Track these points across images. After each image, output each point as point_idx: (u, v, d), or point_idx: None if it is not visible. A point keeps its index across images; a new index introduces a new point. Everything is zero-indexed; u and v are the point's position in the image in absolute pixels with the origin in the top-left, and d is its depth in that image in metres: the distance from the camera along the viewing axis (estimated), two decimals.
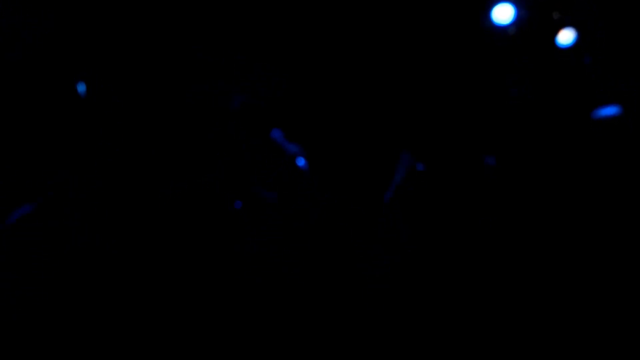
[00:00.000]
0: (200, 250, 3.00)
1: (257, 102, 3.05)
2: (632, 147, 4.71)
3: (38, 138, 2.84)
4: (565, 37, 4.91)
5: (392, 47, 4.49)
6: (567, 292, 4.07)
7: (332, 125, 3.68)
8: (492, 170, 4.21)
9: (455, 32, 4.71)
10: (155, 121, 3.43)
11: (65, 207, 2.86)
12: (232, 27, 3.61)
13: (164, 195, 3.03)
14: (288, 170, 3.01)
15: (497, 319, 3.73)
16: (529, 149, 4.39)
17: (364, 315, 3.28)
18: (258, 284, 2.90)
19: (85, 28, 2.62)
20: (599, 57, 4.97)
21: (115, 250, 2.79)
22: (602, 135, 4.72)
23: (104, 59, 2.56)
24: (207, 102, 3.13)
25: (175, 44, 3.52)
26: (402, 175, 3.59)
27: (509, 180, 4.23)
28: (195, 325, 3.06)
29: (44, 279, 2.89)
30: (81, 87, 2.40)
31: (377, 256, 3.34)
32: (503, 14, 4.68)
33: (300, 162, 2.99)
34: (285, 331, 2.90)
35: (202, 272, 2.98)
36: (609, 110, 4.79)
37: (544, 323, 3.89)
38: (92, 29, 2.47)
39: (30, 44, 2.42)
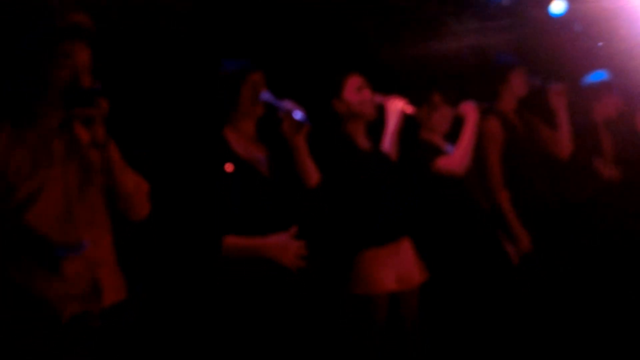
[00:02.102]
0: (200, 249, 2.96)
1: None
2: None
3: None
4: (558, 6, 4.97)
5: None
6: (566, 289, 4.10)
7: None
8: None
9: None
10: (154, 121, 3.40)
11: None
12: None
13: (164, 194, 2.99)
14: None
15: (497, 318, 3.74)
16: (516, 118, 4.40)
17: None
18: (258, 284, 2.85)
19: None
20: (590, 26, 5.02)
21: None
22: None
23: (103, 59, 2.50)
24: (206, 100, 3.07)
25: (174, 43, 3.46)
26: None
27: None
28: (195, 324, 3.06)
29: None
30: None
31: None
32: None
33: (297, 115, 2.84)
34: (285, 331, 2.86)
35: (202, 271, 2.94)
36: (597, 76, 4.84)
37: (545, 323, 3.92)
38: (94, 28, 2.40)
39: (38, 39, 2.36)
